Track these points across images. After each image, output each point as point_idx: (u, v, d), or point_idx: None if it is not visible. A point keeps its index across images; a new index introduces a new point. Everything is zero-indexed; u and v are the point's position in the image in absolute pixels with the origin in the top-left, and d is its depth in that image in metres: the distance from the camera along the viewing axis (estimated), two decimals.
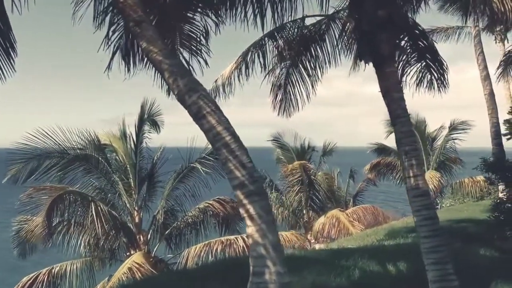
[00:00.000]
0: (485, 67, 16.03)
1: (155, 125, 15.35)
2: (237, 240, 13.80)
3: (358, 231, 16.57)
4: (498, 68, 20.68)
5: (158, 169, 15.62)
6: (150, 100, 15.10)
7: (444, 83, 9.26)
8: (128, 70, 6.10)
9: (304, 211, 20.11)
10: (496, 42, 23.12)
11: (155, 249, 14.47)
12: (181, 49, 8.77)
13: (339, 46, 9.08)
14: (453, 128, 21.51)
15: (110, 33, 5.14)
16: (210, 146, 15.10)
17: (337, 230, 17.18)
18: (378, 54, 6.85)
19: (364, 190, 26.05)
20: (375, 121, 25.88)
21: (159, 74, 7.87)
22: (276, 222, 20.07)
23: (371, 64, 7.27)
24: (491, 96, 15.77)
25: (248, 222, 4.38)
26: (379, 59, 6.88)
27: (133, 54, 6.01)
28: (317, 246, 16.30)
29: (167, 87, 9.27)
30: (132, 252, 13.46)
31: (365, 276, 7.57)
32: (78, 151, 13.33)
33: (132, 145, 14.69)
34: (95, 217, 11.52)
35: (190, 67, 8.84)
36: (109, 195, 13.85)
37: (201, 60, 8.60)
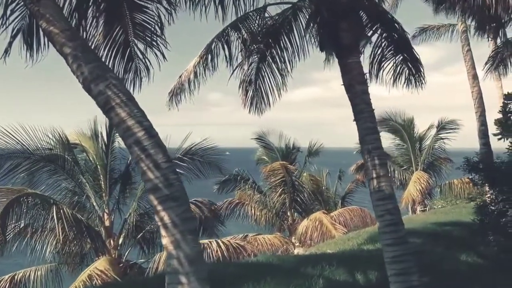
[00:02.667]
0: (473, 65, 15.42)
1: None
2: (211, 244, 13.16)
3: (340, 234, 15.95)
4: (486, 63, 20.11)
5: (131, 169, 15.02)
6: None
7: (421, 78, 8.73)
8: (31, 55, 5.44)
9: (289, 213, 19.48)
10: (488, 40, 22.59)
11: (126, 254, 13.84)
12: (136, 40, 8.22)
13: (307, 37, 8.47)
14: (442, 127, 20.91)
15: (9, 12, 4.51)
16: (184, 146, 14.74)
17: (320, 233, 16.54)
18: (339, 44, 6.24)
19: (354, 191, 25.42)
20: None
21: None
22: (259, 225, 19.52)
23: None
24: (478, 94, 15.17)
25: (163, 231, 3.75)
26: (341, 50, 6.27)
27: (37, 37, 5.35)
28: (295, 251, 15.68)
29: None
30: (102, 257, 12.81)
31: (328, 286, 6.94)
32: (43, 151, 12.67)
33: (103, 145, 14.05)
34: (55, 221, 10.85)
35: (147, 60, 8.36)
36: (76, 197, 13.19)
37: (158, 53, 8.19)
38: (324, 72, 9.14)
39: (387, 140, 23.09)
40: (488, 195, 11.05)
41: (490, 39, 22.64)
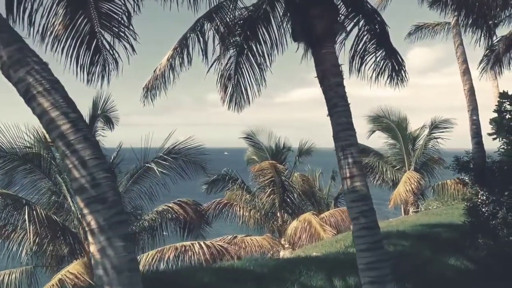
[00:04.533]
0: (465, 61, 14.93)
1: (109, 122, 14.26)
2: (193, 247, 12.71)
3: (329, 236, 15.50)
4: (480, 62, 19.66)
5: (114, 168, 14.56)
6: (104, 95, 14.05)
7: (402, 74, 8.34)
8: None
9: (278, 214, 19.00)
10: (484, 38, 22.13)
11: None
12: (103, 31, 7.76)
13: (286, 28, 8.02)
14: (435, 126, 20.43)
15: None
16: (167, 145, 14.27)
17: (309, 234, 16.08)
18: (312, 33, 5.78)
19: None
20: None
21: None
22: (247, 226, 19.05)
23: None
24: (471, 91, 14.66)
25: (89, 237, 3.28)
26: (314, 39, 5.81)
27: None
28: (281, 253, 15.23)
29: None
30: (78, 259, 12.35)
31: None
32: (18, 149, 12.20)
33: None
34: (27, 222, 10.37)
35: (115, 52, 7.90)
36: (53, 197, 12.71)
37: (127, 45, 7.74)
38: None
39: (380, 139, 22.71)
40: (479, 196, 10.58)
41: (485, 37, 22.27)
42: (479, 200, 10.26)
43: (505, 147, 10.16)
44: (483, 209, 9.99)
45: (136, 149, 14.37)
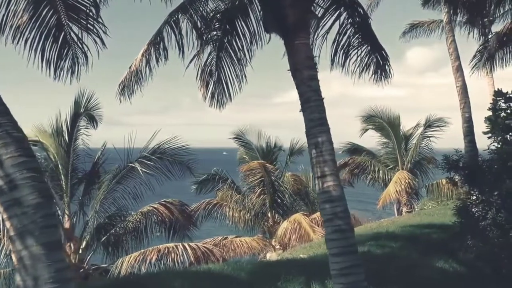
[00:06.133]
0: (457, 58, 14.60)
1: (93, 120, 13.88)
2: (177, 249, 12.32)
3: (319, 237, 15.13)
4: (473, 58, 19.30)
5: (97, 168, 14.21)
6: (87, 92, 13.68)
7: (387, 70, 8.03)
8: None
9: (269, 215, 18.64)
10: (479, 36, 21.82)
11: (87, 258, 13.01)
12: (71, 24, 7.40)
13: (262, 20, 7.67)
14: (428, 125, 20.05)
15: None
16: (151, 145, 13.89)
17: (298, 235, 15.72)
18: (283, 23, 5.42)
19: None
20: None
21: None
22: (236, 226, 18.68)
23: None
24: (463, 88, 14.33)
25: (11, 246, 2.92)
26: (286, 29, 5.45)
27: None
28: (268, 255, 14.88)
29: None
30: None
31: None
32: None
33: (63, 143, 13.22)
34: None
35: (84, 45, 7.55)
36: None
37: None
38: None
39: (373, 138, 22.37)
40: (469, 196, 10.23)
41: (480, 34, 21.95)
42: (469, 201, 9.92)
43: (497, 145, 9.83)
44: (473, 210, 9.65)
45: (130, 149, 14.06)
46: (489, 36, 20.21)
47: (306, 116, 5.34)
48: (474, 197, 9.88)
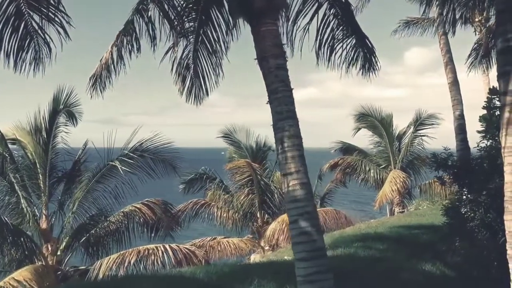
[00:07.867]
0: (448, 51, 14.15)
1: (72, 117, 13.47)
2: (157, 250, 11.89)
3: None
4: (469, 57, 18.90)
5: (78, 167, 13.81)
6: (66, 88, 13.28)
7: (374, 62, 7.65)
8: None
9: (258, 215, 18.21)
10: (475, 34, 21.43)
11: (66, 260, 12.61)
12: (31, 13, 6.98)
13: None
14: (420, 123, 19.61)
15: None
16: (131, 144, 13.44)
17: (286, 236, 15.27)
18: (250, 7, 5.01)
19: (334, 192, 24.20)
20: None
21: None
22: (224, 227, 18.24)
23: None
24: (454, 84, 13.88)
25: None
26: (251, 14, 5.03)
27: None
28: (252, 257, 14.45)
29: None
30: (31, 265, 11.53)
31: None
32: None
33: (41, 140, 12.81)
34: None
35: (47, 35, 7.13)
36: (7, 197, 11.94)
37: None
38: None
39: (366, 137, 21.98)
40: (457, 196, 9.83)
41: (477, 33, 21.58)
42: (457, 201, 9.51)
43: (487, 143, 9.43)
44: (462, 210, 9.24)
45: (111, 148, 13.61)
46: (482, 32, 19.86)
47: (273, 109, 4.92)
48: (464, 197, 9.49)
